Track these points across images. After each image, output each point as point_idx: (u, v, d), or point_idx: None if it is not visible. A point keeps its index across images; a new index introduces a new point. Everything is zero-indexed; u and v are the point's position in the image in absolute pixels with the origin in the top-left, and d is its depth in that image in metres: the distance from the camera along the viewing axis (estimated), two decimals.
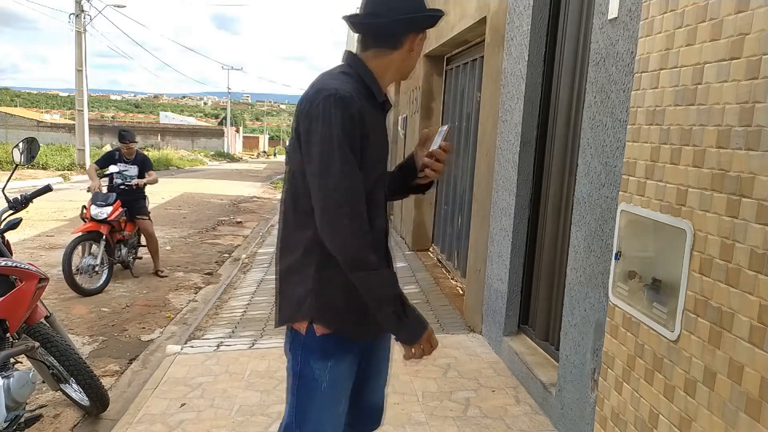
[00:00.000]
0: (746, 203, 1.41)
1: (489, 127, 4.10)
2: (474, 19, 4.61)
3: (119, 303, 5.33)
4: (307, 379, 1.51)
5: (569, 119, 3.05)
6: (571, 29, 3.04)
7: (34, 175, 17.49)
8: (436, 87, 6.79)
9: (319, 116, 1.38)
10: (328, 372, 1.51)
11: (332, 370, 1.51)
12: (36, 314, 2.73)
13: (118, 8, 20.61)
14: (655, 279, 1.75)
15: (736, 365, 1.42)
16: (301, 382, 1.52)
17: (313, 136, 1.39)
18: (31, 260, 6.02)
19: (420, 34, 1.52)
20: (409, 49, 1.51)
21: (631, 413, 1.88)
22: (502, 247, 3.69)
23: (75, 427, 3.08)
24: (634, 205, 1.88)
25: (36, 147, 3.17)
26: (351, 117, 1.38)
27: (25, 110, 46.59)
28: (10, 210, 2.92)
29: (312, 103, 1.40)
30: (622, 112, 2.25)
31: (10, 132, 30.29)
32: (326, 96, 1.38)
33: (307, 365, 1.51)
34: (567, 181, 3.06)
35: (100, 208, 5.66)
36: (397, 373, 3.41)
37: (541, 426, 2.84)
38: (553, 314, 3.20)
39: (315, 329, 1.48)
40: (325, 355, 1.50)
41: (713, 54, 1.54)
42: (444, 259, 6.26)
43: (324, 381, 1.51)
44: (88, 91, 20.98)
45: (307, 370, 1.51)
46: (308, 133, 1.40)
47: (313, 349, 1.50)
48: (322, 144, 1.37)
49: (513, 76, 3.60)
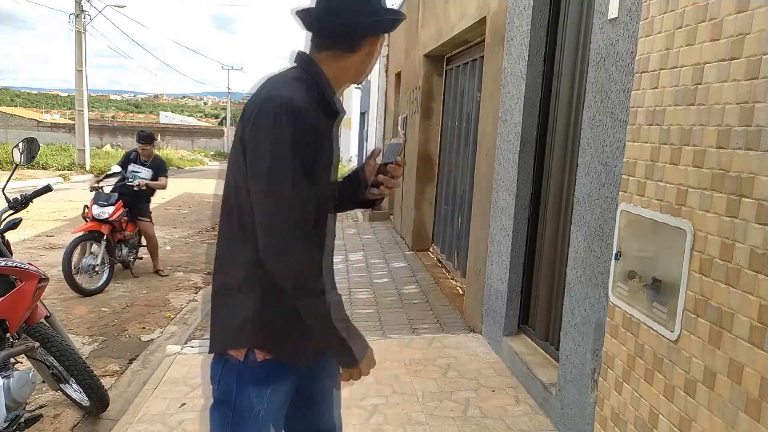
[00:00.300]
0: (746, 203, 1.41)
1: (489, 127, 4.10)
2: (474, 19, 4.60)
3: (119, 303, 5.33)
4: (242, 409, 1.38)
5: (569, 119, 3.05)
6: (571, 29, 3.04)
7: (34, 175, 17.48)
8: (436, 87, 6.79)
9: (269, 127, 1.24)
10: (266, 399, 1.39)
11: (270, 397, 1.40)
12: (36, 314, 2.73)
13: (118, 8, 20.61)
14: (655, 279, 1.75)
15: (736, 365, 1.42)
16: (235, 412, 1.38)
17: (261, 148, 1.25)
18: (31, 260, 6.02)
19: (380, 38, 1.41)
20: (367, 53, 1.40)
21: (631, 413, 1.88)
22: (502, 247, 3.69)
23: (75, 427, 3.08)
24: (634, 205, 1.88)
25: (36, 147, 3.17)
26: (304, 130, 1.26)
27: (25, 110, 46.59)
28: (10, 210, 2.93)
29: (261, 112, 1.27)
30: (622, 112, 2.25)
31: (10, 132, 30.28)
32: (278, 105, 1.25)
33: (243, 394, 1.37)
34: (567, 181, 3.06)
35: (102, 208, 5.67)
36: (397, 374, 3.41)
37: (541, 426, 2.84)
38: (553, 314, 3.20)
39: (256, 355, 1.36)
40: (265, 381, 1.39)
41: (713, 54, 1.54)
42: (444, 259, 6.26)
43: (261, 409, 1.39)
44: (88, 91, 20.98)
45: (242, 399, 1.37)
46: (256, 145, 1.26)
47: (251, 376, 1.37)
48: (272, 158, 1.24)
49: (513, 76, 3.60)
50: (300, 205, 1.26)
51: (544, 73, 3.37)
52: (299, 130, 1.25)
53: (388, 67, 10.12)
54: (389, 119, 9.94)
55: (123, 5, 20.65)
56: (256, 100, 1.31)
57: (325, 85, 1.39)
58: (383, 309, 4.71)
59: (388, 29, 1.42)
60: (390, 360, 3.62)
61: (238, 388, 1.38)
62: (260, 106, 1.28)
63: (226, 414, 1.39)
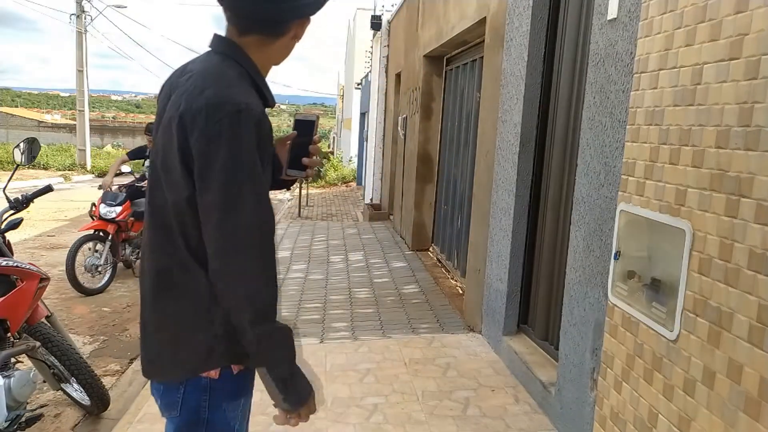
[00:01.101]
0: (745, 203, 1.41)
1: (488, 128, 4.11)
2: (474, 19, 4.61)
3: (120, 302, 5.34)
4: (218, 425, 1.30)
5: (569, 119, 3.05)
6: (571, 30, 3.04)
7: (35, 175, 17.50)
8: (436, 87, 6.79)
9: (221, 137, 1.12)
10: (240, 410, 1.34)
11: (243, 407, 1.35)
12: (37, 314, 2.74)
13: (119, 9, 20.62)
14: (655, 279, 1.76)
15: (736, 365, 1.42)
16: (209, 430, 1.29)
17: (213, 161, 1.12)
18: (32, 260, 6.02)
19: (306, 20, 1.32)
20: (293, 36, 1.31)
21: (631, 413, 1.88)
22: (501, 246, 3.69)
23: (76, 427, 3.08)
24: (633, 205, 1.89)
25: (37, 147, 3.18)
26: (261, 138, 1.16)
27: (26, 110, 46.58)
28: (11, 210, 2.93)
29: (211, 120, 1.13)
30: (621, 113, 2.25)
31: (11, 132, 30.29)
32: (233, 112, 1.13)
33: (218, 410, 1.29)
34: (566, 181, 3.07)
35: (110, 207, 5.70)
36: (397, 373, 3.42)
37: (540, 425, 2.85)
38: (553, 314, 3.20)
39: (233, 369, 1.28)
40: (237, 393, 1.32)
41: (712, 54, 1.54)
42: (444, 258, 6.27)
43: (237, 421, 1.34)
44: (89, 91, 21.00)
45: (218, 415, 1.29)
46: (206, 157, 1.13)
47: (226, 391, 1.29)
48: (227, 172, 1.12)
49: (512, 76, 3.60)
50: (262, 222, 1.16)
51: (544, 73, 3.37)
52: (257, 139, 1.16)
53: (388, 67, 10.12)
54: (389, 119, 9.94)
55: (124, 6, 20.65)
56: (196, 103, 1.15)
57: (257, 74, 1.29)
58: (383, 309, 4.71)
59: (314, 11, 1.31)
60: (390, 359, 3.62)
61: (212, 405, 1.28)
62: (208, 112, 1.13)
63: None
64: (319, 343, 3.95)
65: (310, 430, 2.79)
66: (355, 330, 4.21)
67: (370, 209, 10.03)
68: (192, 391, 1.27)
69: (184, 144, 1.16)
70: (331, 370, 3.47)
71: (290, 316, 4.45)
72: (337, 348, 3.84)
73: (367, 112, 13.80)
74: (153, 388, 1.35)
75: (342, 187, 17.33)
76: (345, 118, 23.98)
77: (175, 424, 1.31)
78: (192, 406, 1.28)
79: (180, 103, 1.18)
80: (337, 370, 3.47)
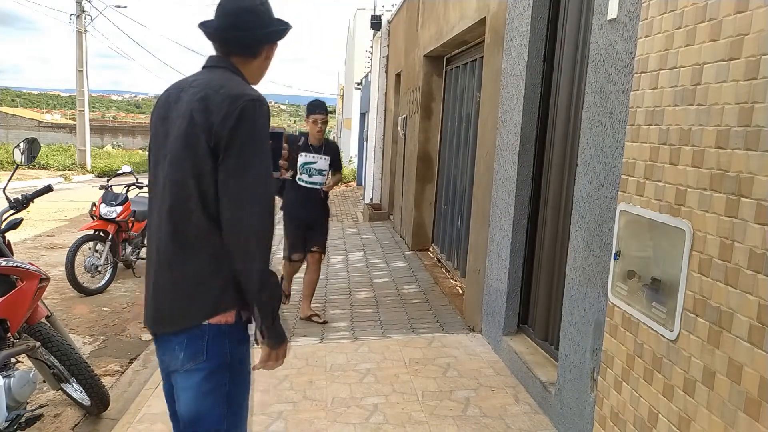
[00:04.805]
0: (745, 203, 1.41)
1: (488, 128, 4.11)
2: (474, 19, 4.61)
3: (120, 302, 5.34)
4: (236, 367, 1.56)
5: (568, 119, 3.05)
6: (571, 30, 3.04)
7: (35, 175, 17.50)
8: (436, 87, 6.79)
9: (242, 119, 1.45)
10: (246, 352, 1.60)
11: (248, 350, 1.61)
12: (37, 314, 2.74)
13: (119, 9, 20.61)
14: (655, 279, 1.76)
15: (736, 365, 1.42)
16: (232, 374, 1.55)
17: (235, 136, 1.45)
18: (32, 260, 6.02)
19: (275, 44, 1.70)
20: (265, 57, 1.68)
21: (631, 413, 1.88)
22: (501, 246, 3.69)
23: (76, 427, 3.08)
24: (633, 205, 1.89)
25: (37, 147, 3.18)
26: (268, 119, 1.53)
27: (26, 110, 46.54)
28: (11, 210, 2.93)
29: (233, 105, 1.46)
30: (621, 113, 2.25)
31: (11, 132, 30.26)
32: (250, 100, 1.48)
33: (235, 352, 1.55)
34: (566, 181, 3.07)
35: (110, 207, 5.70)
36: (397, 373, 3.42)
37: (540, 425, 2.85)
38: (553, 314, 3.20)
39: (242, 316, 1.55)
40: (246, 338, 1.60)
41: (712, 54, 1.54)
42: (444, 258, 6.27)
43: (246, 362, 1.60)
44: (88, 91, 20.98)
45: (234, 358, 1.55)
46: (231, 133, 1.45)
47: (239, 335, 1.56)
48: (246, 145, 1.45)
49: (512, 76, 3.60)
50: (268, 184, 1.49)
51: (544, 73, 3.37)
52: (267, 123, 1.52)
53: (388, 67, 10.12)
54: (389, 119, 9.94)
55: (124, 6, 20.65)
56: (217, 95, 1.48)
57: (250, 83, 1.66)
58: (383, 309, 4.71)
59: (280, 38, 1.69)
60: (390, 359, 3.62)
61: (230, 349, 1.54)
62: (231, 100, 1.46)
63: (224, 377, 1.54)
64: (319, 342, 3.95)
65: (311, 430, 2.79)
66: (355, 330, 4.21)
67: (370, 209, 10.03)
68: (215, 337, 1.52)
69: (208, 127, 1.46)
70: (331, 370, 3.47)
71: (290, 316, 4.45)
72: (337, 348, 3.84)
73: (367, 112, 13.80)
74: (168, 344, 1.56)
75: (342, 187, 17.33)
76: (345, 118, 23.97)
77: (204, 371, 1.52)
78: (217, 350, 1.52)
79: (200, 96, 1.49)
80: (337, 370, 3.47)
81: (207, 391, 1.54)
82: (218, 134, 1.45)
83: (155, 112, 1.64)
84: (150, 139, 1.71)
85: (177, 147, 1.51)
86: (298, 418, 2.90)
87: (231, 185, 1.45)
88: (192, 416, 1.56)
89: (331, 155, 4.32)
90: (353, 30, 19.62)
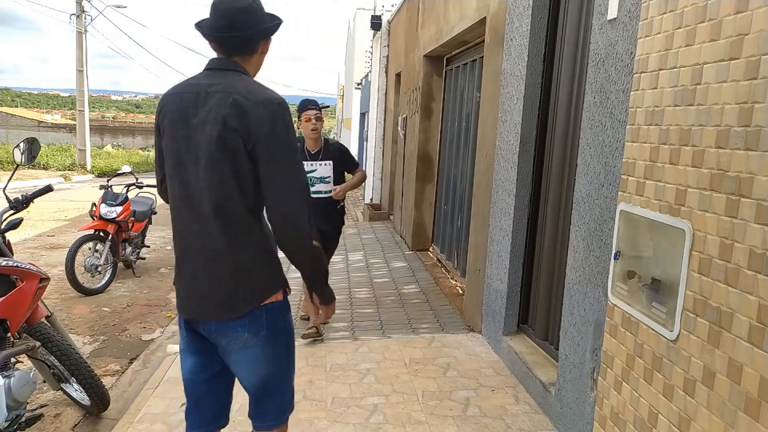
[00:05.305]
0: (745, 203, 1.41)
1: (488, 128, 4.11)
2: (474, 19, 4.61)
3: (120, 302, 5.34)
4: (289, 332, 1.86)
5: (568, 119, 3.05)
6: (571, 30, 3.04)
7: (35, 175, 17.50)
8: (436, 87, 6.79)
9: (276, 122, 1.63)
10: (291, 320, 1.88)
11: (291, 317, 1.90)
12: (37, 314, 2.74)
13: (119, 9, 20.61)
14: (655, 279, 1.76)
15: (736, 365, 1.42)
16: (288, 337, 1.85)
17: (274, 138, 1.62)
18: (32, 260, 6.03)
19: (269, 40, 1.80)
20: (261, 52, 1.79)
21: (631, 413, 1.88)
22: (501, 246, 3.69)
23: (76, 427, 3.08)
24: (633, 205, 1.89)
25: (37, 147, 3.18)
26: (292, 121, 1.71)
27: (26, 110, 46.54)
28: (11, 210, 2.93)
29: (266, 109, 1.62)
30: (621, 113, 2.25)
31: (11, 132, 30.26)
32: (278, 103, 1.65)
33: (285, 320, 1.83)
34: (566, 181, 3.07)
35: (110, 207, 5.70)
36: (397, 373, 3.42)
37: (540, 425, 2.85)
38: (553, 314, 3.20)
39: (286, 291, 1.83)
40: (289, 308, 1.87)
41: (712, 54, 1.54)
42: (444, 258, 6.27)
43: (293, 328, 1.89)
44: (89, 91, 20.98)
45: (288, 326, 1.85)
46: (269, 136, 1.62)
47: (285, 309, 1.83)
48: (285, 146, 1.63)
49: (512, 76, 3.60)
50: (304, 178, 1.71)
51: (544, 73, 3.37)
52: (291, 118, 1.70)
53: (388, 67, 10.12)
54: (389, 119, 9.94)
55: (124, 6, 20.64)
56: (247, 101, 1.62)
57: None
58: (383, 309, 4.71)
59: (273, 33, 1.79)
60: (390, 359, 3.62)
61: (284, 319, 1.82)
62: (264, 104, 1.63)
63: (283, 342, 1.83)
64: (319, 342, 3.95)
65: (311, 430, 2.79)
66: (355, 330, 4.21)
67: (370, 209, 10.03)
68: (270, 313, 1.77)
69: (245, 131, 1.61)
70: (331, 370, 3.47)
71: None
72: (337, 348, 3.84)
73: (367, 112, 13.80)
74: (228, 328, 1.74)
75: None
76: (345, 118, 23.97)
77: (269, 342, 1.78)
78: (273, 323, 1.78)
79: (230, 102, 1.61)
80: (337, 370, 3.47)
81: (272, 357, 1.81)
82: (256, 138, 1.60)
83: (167, 114, 1.71)
84: (162, 141, 1.74)
85: (212, 151, 1.62)
86: (297, 418, 2.89)
87: (276, 183, 1.63)
88: (262, 380, 1.82)
89: (334, 158, 3.98)
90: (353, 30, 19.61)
